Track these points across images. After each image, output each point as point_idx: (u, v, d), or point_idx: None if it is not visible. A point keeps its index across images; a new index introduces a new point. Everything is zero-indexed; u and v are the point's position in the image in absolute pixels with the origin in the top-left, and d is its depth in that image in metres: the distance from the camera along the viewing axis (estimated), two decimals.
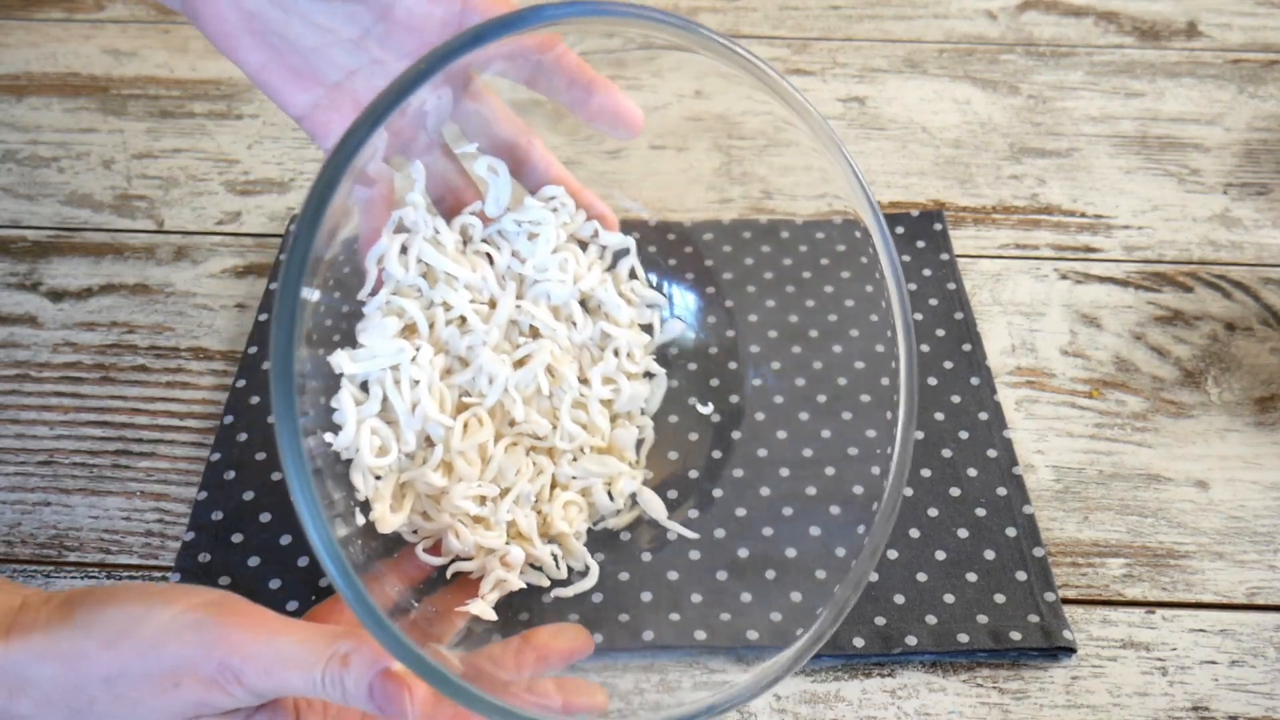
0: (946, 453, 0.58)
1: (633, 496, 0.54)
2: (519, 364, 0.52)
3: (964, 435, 0.59)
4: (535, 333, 0.53)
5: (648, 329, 0.57)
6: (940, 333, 0.63)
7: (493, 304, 0.51)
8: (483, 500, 0.50)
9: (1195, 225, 0.71)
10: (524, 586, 0.50)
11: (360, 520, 0.48)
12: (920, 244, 0.68)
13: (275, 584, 0.53)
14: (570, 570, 0.52)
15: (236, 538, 0.55)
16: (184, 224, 0.71)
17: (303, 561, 0.54)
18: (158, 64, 0.83)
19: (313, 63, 0.48)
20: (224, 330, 0.65)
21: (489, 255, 0.52)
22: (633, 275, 0.56)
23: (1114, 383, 0.63)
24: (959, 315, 0.64)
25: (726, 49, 0.44)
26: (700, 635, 0.51)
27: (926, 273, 0.67)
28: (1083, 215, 0.72)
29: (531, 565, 0.51)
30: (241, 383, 0.61)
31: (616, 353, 0.55)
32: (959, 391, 0.61)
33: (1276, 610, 0.53)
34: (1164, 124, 0.79)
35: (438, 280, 0.50)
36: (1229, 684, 0.50)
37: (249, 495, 0.56)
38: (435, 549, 0.50)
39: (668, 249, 0.65)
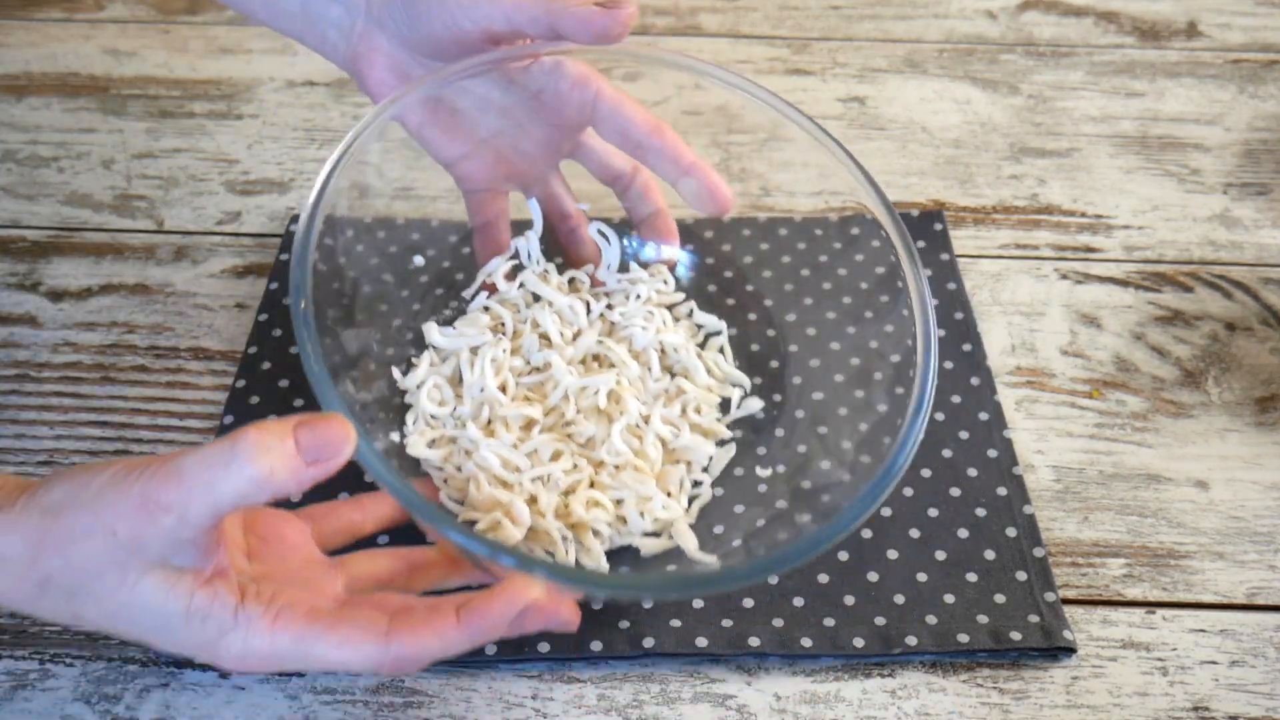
0: (946, 453, 0.58)
1: (669, 533, 0.53)
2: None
3: (964, 435, 0.59)
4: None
5: (726, 405, 0.58)
6: (940, 333, 0.63)
7: (578, 335, 0.58)
8: (515, 469, 0.53)
9: (1195, 225, 0.71)
10: (520, 541, 0.50)
11: (394, 438, 0.55)
12: (920, 244, 0.68)
13: None
14: (580, 567, 0.52)
15: None
16: (184, 224, 0.71)
17: None
18: (157, 64, 0.83)
19: (463, 122, 0.57)
20: (224, 330, 0.65)
21: (587, 302, 0.59)
22: (721, 353, 0.60)
23: (1114, 383, 0.63)
24: (959, 315, 0.64)
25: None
26: (701, 642, 0.51)
27: (926, 273, 0.66)
28: (1083, 215, 0.72)
29: (547, 552, 0.51)
30: (241, 383, 0.61)
31: (684, 408, 0.56)
32: (959, 391, 0.61)
33: (1276, 610, 0.53)
34: (1164, 124, 0.79)
35: (534, 304, 0.58)
36: (1229, 684, 0.50)
37: None
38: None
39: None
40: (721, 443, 0.57)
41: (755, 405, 0.58)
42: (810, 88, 0.82)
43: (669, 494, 0.54)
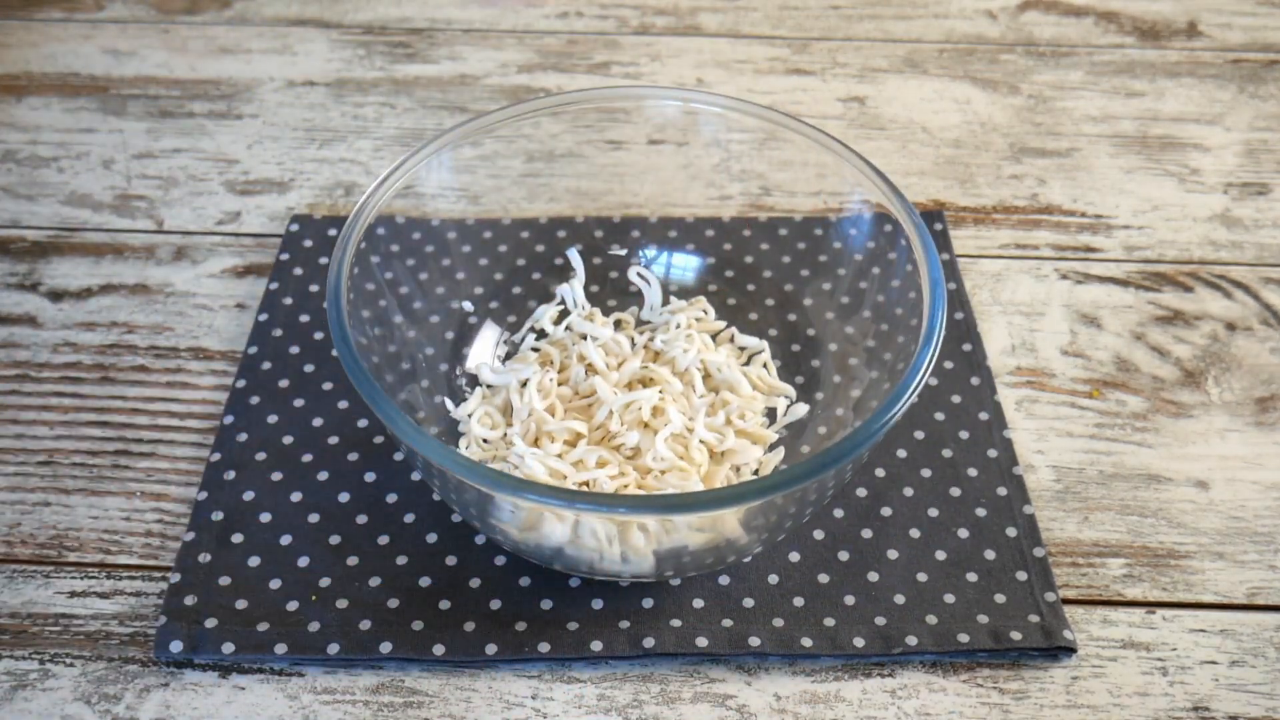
0: (946, 453, 0.58)
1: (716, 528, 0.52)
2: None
3: (964, 435, 0.59)
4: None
5: (773, 416, 0.59)
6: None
7: (623, 364, 0.60)
8: (561, 477, 0.54)
9: (1195, 225, 0.71)
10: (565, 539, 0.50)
11: None
12: None
13: (275, 584, 0.53)
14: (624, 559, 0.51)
15: (237, 538, 0.55)
16: (184, 224, 0.71)
17: (303, 561, 0.54)
18: (157, 64, 0.83)
19: None
20: (224, 330, 0.65)
21: (631, 338, 0.61)
22: (765, 368, 0.61)
23: (1114, 383, 0.63)
24: (959, 315, 0.64)
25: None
26: (701, 642, 0.51)
27: (944, 257, 0.66)
28: (1083, 215, 0.72)
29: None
30: (241, 383, 0.61)
31: (728, 417, 0.57)
32: (959, 391, 0.61)
33: (1276, 610, 0.53)
34: (1164, 124, 0.79)
35: (580, 340, 0.60)
36: (1229, 684, 0.50)
37: (249, 495, 0.56)
38: None
39: (671, 244, 0.65)
40: (770, 449, 0.57)
41: (801, 410, 0.58)
42: (810, 88, 0.82)
43: None
